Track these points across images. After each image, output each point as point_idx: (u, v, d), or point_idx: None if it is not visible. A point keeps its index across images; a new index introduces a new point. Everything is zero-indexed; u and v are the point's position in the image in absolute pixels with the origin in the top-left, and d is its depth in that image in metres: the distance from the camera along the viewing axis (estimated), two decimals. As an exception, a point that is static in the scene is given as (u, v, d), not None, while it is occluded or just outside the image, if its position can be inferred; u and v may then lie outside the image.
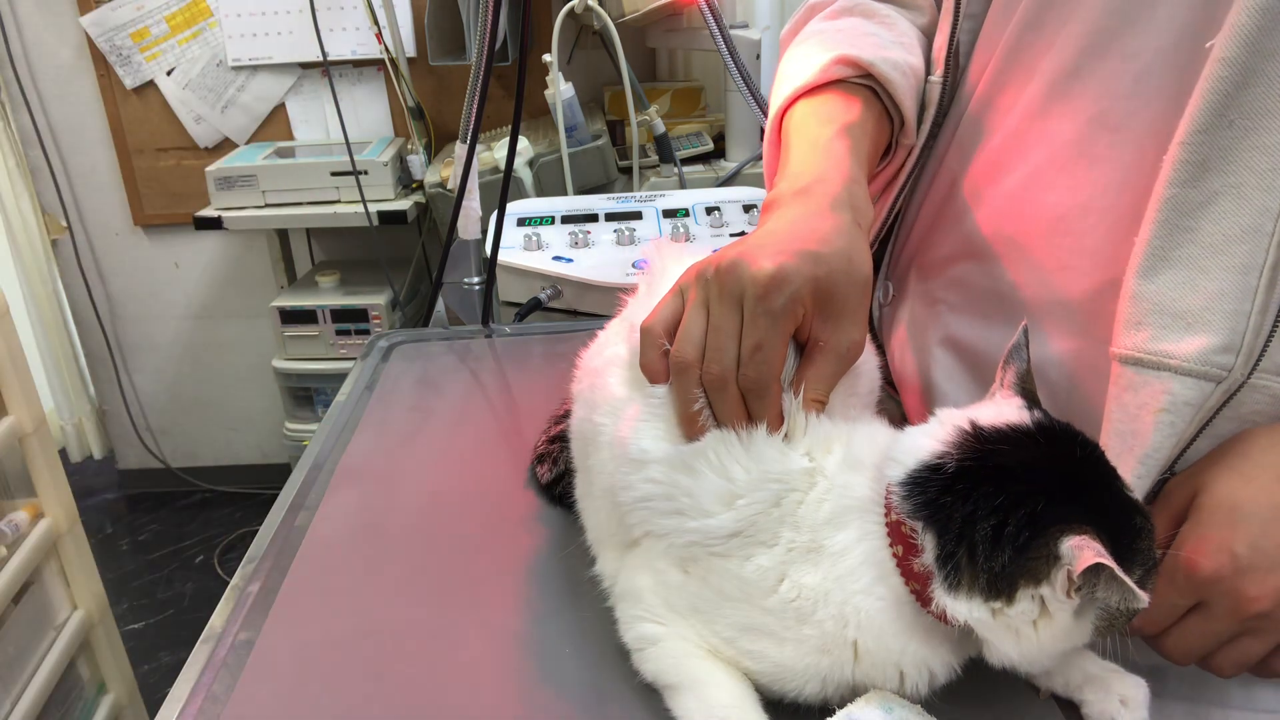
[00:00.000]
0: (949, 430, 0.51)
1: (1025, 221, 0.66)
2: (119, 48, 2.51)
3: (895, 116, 0.74)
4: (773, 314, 0.53)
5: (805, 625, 0.51)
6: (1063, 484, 0.48)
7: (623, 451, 0.58)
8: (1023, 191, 0.66)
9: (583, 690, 0.58)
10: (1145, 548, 0.48)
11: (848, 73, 0.72)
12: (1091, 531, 0.45)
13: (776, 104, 0.74)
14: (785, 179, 0.64)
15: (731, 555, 0.53)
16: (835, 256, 0.55)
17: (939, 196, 0.76)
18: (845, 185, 0.61)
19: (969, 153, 0.71)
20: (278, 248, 2.58)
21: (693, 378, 0.55)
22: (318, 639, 0.64)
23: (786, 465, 0.53)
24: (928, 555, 0.48)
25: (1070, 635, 0.48)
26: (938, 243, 0.76)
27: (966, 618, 0.48)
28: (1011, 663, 0.49)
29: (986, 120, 0.70)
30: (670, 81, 2.39)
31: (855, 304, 0.56)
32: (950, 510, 0.48)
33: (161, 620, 2.46)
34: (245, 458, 3.00)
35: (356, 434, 0.90)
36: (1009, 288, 0.67)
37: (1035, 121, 0.65)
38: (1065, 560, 0.45)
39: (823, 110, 0.71)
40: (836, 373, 0.56)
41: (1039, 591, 0.46)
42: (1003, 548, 0.46)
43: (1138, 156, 0.58)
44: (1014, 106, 0.67)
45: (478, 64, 1.12)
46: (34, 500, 1.50)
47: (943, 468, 0.49)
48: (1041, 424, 0.51)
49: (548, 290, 1.27)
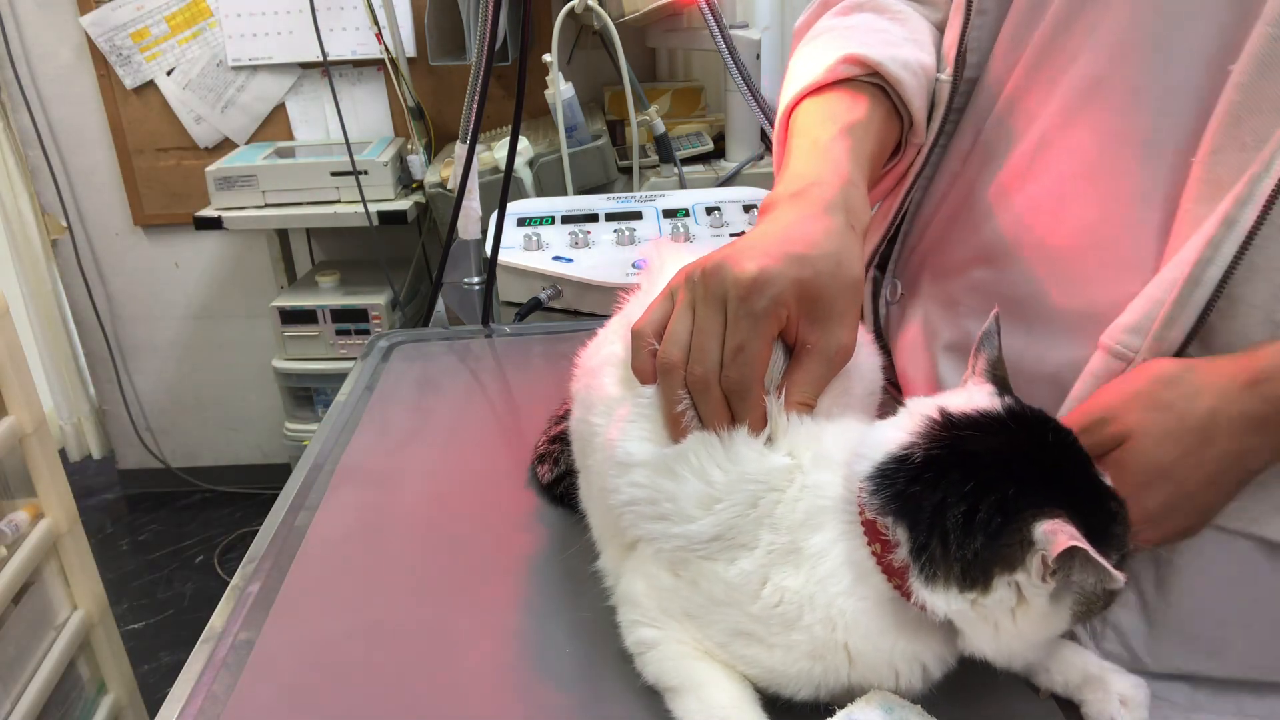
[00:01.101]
0: (917, 420, 0.50)
1: (1053, 230, 0.65)
2: (119, 48, 2.51)
3: (905, 115, 0.73)
4: (754, 316, 0.53)
5: (793, 631, 0.51)
6: (1034, 469, 0.47)
7: (611, 453, 0.58)
8: (1051, 200, 0.65)
9: (583, 690, 0.58)
10: (1119, 532, 0.48)
11: (855, 71, 0.71)
12: (1065, 515, 0.45)
13: (784, 102, 0.74)
14: (783, 181, 0.65)
15: (716, 559, 0.53)
16: (823, 259, 0.55)
17: (958, 198, 0.75)
18: (841, 188, 0.61)
19: (995, 155, 0.71)
20: (278, 248, 2.58)
21: (678, 379, 0.55)
22: (318, 639, 0.64)
23: (764, 465, 0.53)
24: (902, 549, 0.48)
25: (1049, 622, 0.47)
26: (956, 245, 0.75)
27: (945, 610, 0.47)
28: (988, 656, 0.49)
29: (1013, 123, 0.69)
30: (670, 81, 2.39)
31: (843, 307, 0.56)
32: (919, 500, 0.47)
33: (161, 620, 2.46)
34: (245, 458, 3.00)
35: (356, 434, 0.90)
36: (1034, 294, 0.66)
37: (1063, 129, 0.65)
38: (1040, 545, 0.45)
39: (826, 110, 0.70)
40: (824, 376, 0.56)
41: (1014, 578, 0.46)
42: (975, 535, 0.46)
43: (1167, 171, 0.58)
44: (1041, 111, 0.66)
45: (478, 64, 1.12)
46: (34, 500, 1.50)
47: (910, 458, 0.49)
48: (1013, 410, 0.50)
49: (548, 290, 1.27)
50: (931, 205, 0.78)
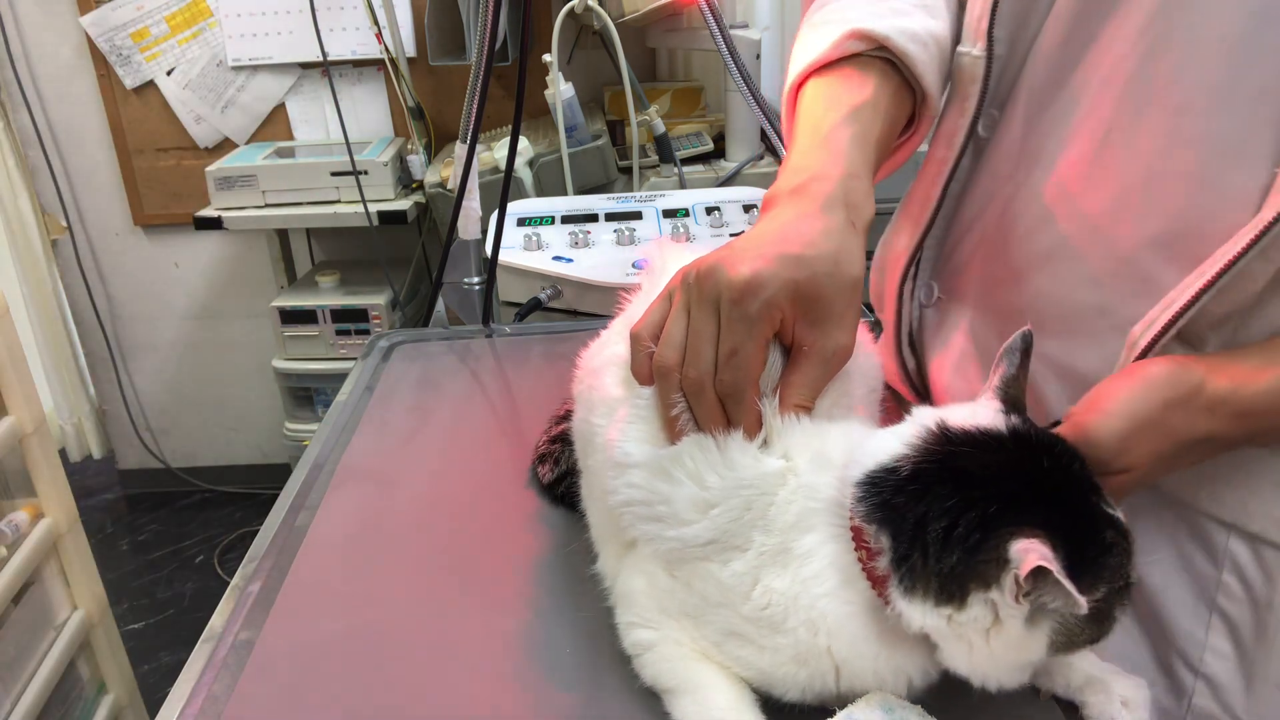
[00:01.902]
0: (915, 430, 0.50)
1: (1131, 239, 0.61)
2: (119, 48, 2.50)
3: (916, 88, 0.69)
4: (748, 319, 0.53)
5: (779, 634, 0.51)
6: (1024, 490, 0.47)
7: (610, 454, 0.58)
8: (1121, 210, 0.61)
9: (583, 690, 0.58)
10: (1114, 564, 0.47)
11: (861, 47, 0.68)
12: (1044, 536, 0.44)
13: (789, 79, 0.72)
14: (784, 174, 0.63)
15: (711, 559, 0.53)
16: (820, 259, 0.54)
17: (1005, 197, 0.70)
18: (840, 182, 0.60)
19: (1048, 151, 0.66)
20: (278, 248, 2.58)
21: (673, 382, 0.55)
22: (318, 639, 0.64)
23: (759, 470, 0.53)
24: (884, 558, 0.48)
25: (1023, 647, 0.47)
26: (1013, 250, 0.69)
27: (921, 623, 0.47)
28: (964, 673, 0.49)
29: (1072, 121, 0.64)
30: (670, 81, 2.39)
31: (841, 308, 0.55)
32: (903, 511, 0.47)
33: (161, 620, 2.46)
34: (245, 458, 3.00)
35: (357, 434, 0.90)
36: (1113, 306, 0.62)
37: (1131, 128, 0.60)
38: (1014, 563, 0.44)
39: (830, 93, 0.68)
40: (821, 378, 0.55)
41: (990, 596, 0.45)
42: (953, 549, 0.46)
43: (1245, 178, 0.55)
44: (1099, 110, 0.61)
45: (478, 64, 1.12)
46: (34, 500, 1.49)
47: (899, 469, 0.48)
48: (1016, 430, 0.49)
49: (548, 290, 1.26)
50: (978, 204, 0.73)
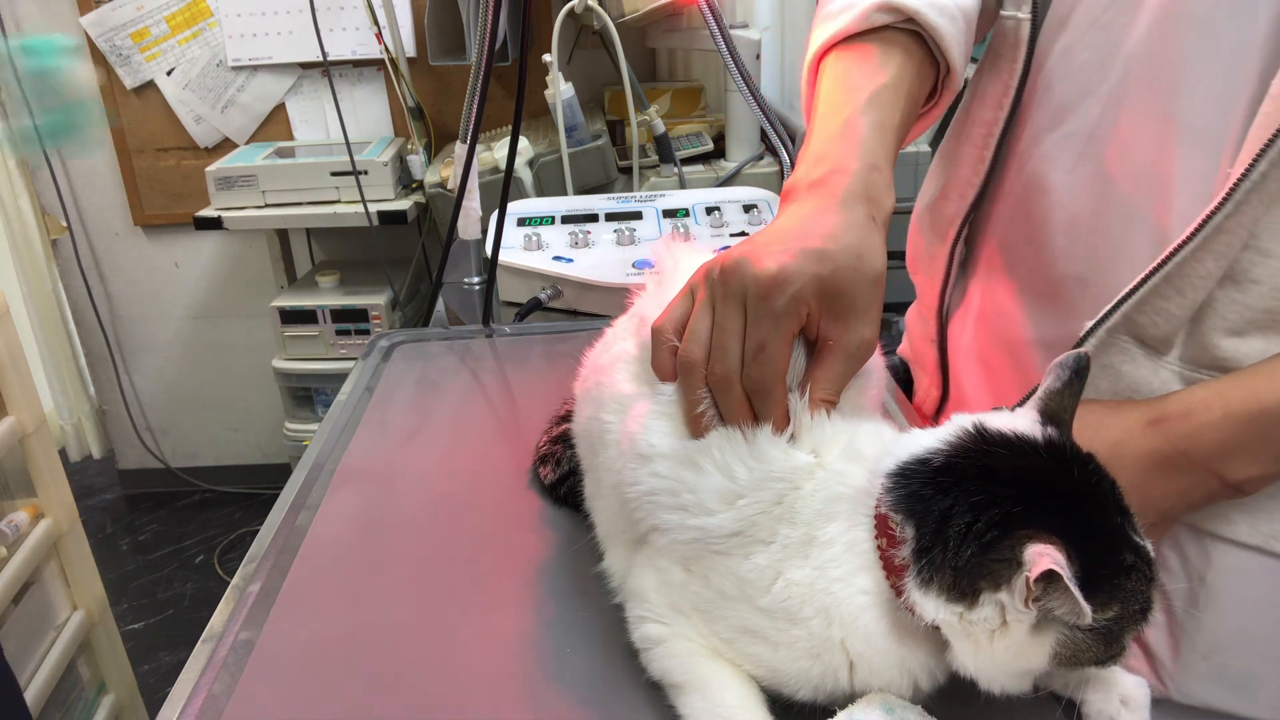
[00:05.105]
0: (952, 429, 0.51)
1: (1159, 212, 0.60)
2: (119, 48, 2.50)
3: (941, 61, 0.69)
4: (775, 314, 0.53)
5: (795, 626, 0.51)
6: (1050, 498, 0.47)
7: (631, 446, 0.58)
8: (1149, 184, 0.60)
9: (584, 691, 0.58)
10: (1130, 587, 0.46)
11: (888, 19, 0.67)
12: (1060, 544, 0.44)
13: (813, 47, 0.71)
14: (803, 164, 0.63)
15: (732, 554, 0.53)
16: (843, 254, 0.54)
17: (1038, 157, 0.68)
18: (860, 175, 0.60)
19: (1081, 120, 0.65)
20: (278, 248, 2.58)
21: (699, 377, 0.55)
22: (318, 639, 0.64)
23: (790, 463, 0.53)
24: (906, 548, 0.48)
25: (1025, 654, 0.47)
26: (1035, 213, 0.69)
27: (934, 617, 0.47)
28: (969, 672, 0.49)
29: (1086, 81, 0.63)
30: (670, 81, 2.39)
31: (865, 302, 0.55)
32: (931, 503, 0.47)
33: (161, 620, 2.46)
34: (245, 458, 3.00)
35: (357, 434, 0.90)
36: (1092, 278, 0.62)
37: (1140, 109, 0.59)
38: (1027, 566, 0.44)
39: (854, 73, 0.67)
40: (846, 372, 0.55)
41: (999, 597, 0.46)
42: (970, 544, 0.46)
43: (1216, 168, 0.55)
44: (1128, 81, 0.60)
45: (478, 64, 1.12)
46: (34, 500, 1.50)
47: (930, 460, 0.49)
48: (1052, 440, 0.49)
49: (548, 290, 1.26)
50: (1011, 166, 0.72)
